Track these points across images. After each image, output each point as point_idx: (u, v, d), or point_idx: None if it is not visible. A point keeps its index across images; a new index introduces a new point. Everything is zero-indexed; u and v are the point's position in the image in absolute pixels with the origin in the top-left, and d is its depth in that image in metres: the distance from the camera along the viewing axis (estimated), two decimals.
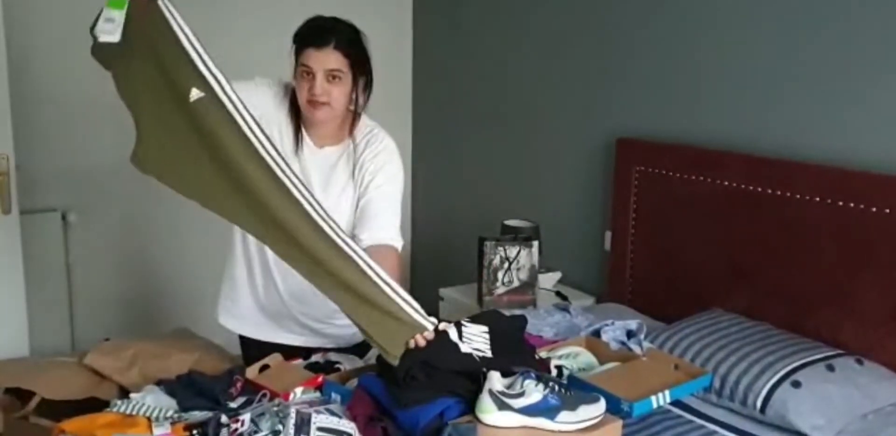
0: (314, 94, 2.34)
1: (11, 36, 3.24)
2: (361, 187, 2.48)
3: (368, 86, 2.45)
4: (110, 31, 2.01)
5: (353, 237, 2.29)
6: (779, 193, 2.85)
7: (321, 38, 2.32)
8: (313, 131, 2.49)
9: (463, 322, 2.28)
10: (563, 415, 2.04)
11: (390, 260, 2.34)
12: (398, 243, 2.47)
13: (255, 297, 2.72)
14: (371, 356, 2.64)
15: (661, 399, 2.32)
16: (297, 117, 2.46)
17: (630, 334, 2.68)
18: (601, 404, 2.10)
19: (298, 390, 2.32)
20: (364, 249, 2.15)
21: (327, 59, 2.32)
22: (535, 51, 3.93)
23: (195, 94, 1.94)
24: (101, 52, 2.13)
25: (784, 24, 2.89)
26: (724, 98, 3.10)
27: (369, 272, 2.04)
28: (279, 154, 2.00)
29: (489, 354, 2.23)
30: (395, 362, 2.05)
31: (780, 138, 2.92)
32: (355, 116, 2.50)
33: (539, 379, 2.08)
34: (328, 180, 2.49)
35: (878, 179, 2.60)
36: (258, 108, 2.21)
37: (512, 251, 3.42)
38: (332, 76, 2.34)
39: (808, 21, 2.82)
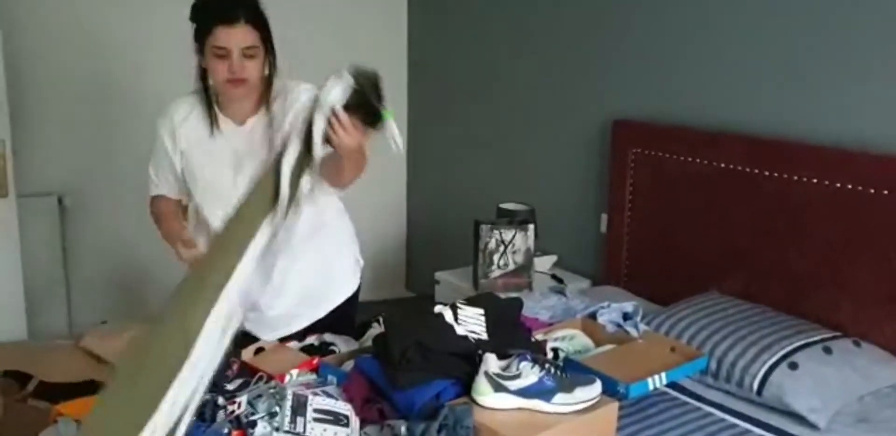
0: (234, 72, 2.26)
1: (9, 22, 3.23)
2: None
3: (274, 59, 2.36)
4: None
5: None
6: (776, 174, 2.84)
7: (230, 13, 2.22)
8: (232, 109, 2.42)
9: (459, 305, 2.28)
10: (559, 397, 2.04)
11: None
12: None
13: None
14: (367, 338, 2.64)
15: (658, 381, 2.32)
16: (208, 100, 2.41)
17: (626, 317, 2.68)
18: (597, 386, 2.10)
19: (294, 372, 2.33)
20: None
21: (242, 37, 2.23)
22: (531, 33, 3.91)
23: None
24: None
25: (782, 5, 2.87)
26: (721, 80, 3.09)
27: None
28: None
29: (485, 336, 2.24)
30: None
31: (778, 119, 2.91)
32: (269, 83, 2.40)
33: (535, 361, 2.08)
34: (261, 149, 2.36)
35: (876, 160, 2.59)
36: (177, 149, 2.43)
37: (508, 234, 3.41)
38: (246, 54, 2.26)
39: (806, 2, 2.80)
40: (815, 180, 2.74)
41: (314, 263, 2.58)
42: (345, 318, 2.72)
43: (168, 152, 2.49)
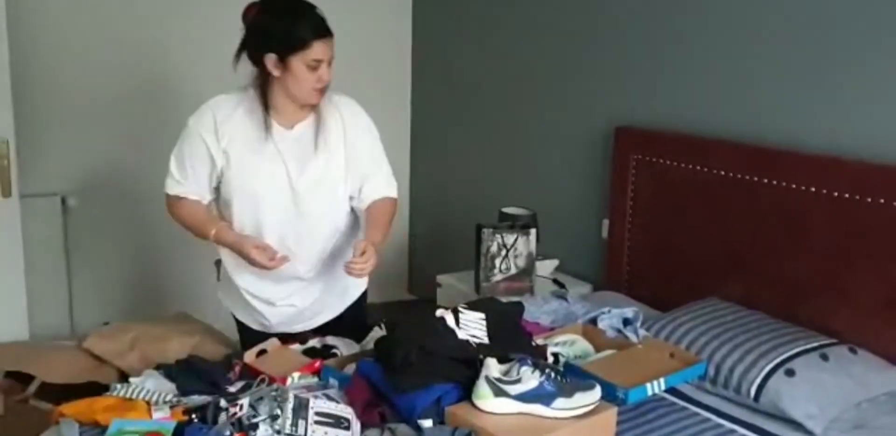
0: (323, 81, 2.43)
1: (14, 23, 3.24)
2: (345, 148, 2.56)
3: None
4: None
5: (351, 199, 2.62)
6: (775, 182, 2.86)
7: (326, 28, 2.40)
8: (285, 114, 2.52)
9: (460, 309, 2.30)
10: (559, 402, 2.06)
11: (389, 209, 2.65)
12: (394, 191, 2.70)
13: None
14: (368, 341, 2.66)
15: (657, 387, 2.34)
16: (265, 104, 2.49)
17: (626, 322, 2.70)
18: (597, 391, 2.11)
19: (296, 374, 2.34)
20: (367, 207, 2.60)
21: (331, 48, 2.42)
22: (534, 39, 3.92)
23: None
24: None
25: (781, 14, 2.89)
26: (723, 87, 3.10)
27: None
28: None
29: (486, 340, 2.25)
30: None
31: (778, 128, 2.93)
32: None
33: (535, 366, 2.09)
34: (308, 154, 2.53)
35: (874, 169, 2.61)
36: (211, 150, 2.48)
37: (509, 239, 3.42)
38: (329, 62, 2.43)
39: (804, 11, 2.82)
40: (813, 189, 2.75)
41: (336, 261, 2.65)
42: (358, 314, 2.84)
43: (208, 150, 2.50)
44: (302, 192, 2.52)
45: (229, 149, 2.49)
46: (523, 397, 2.05)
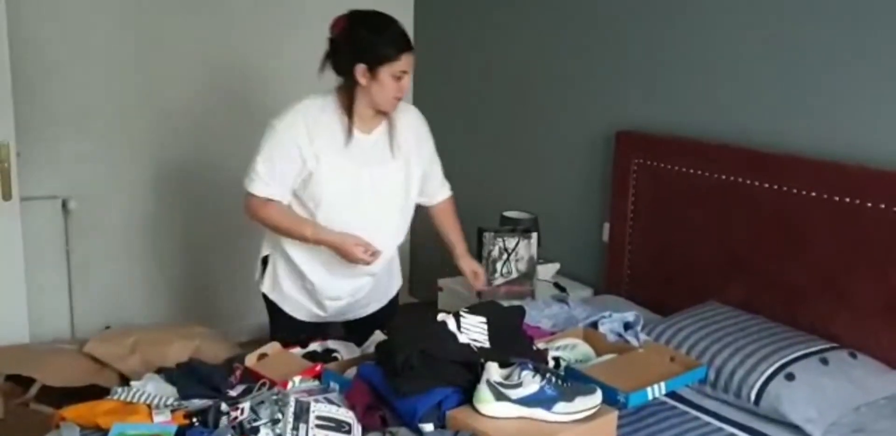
0: (404, 90, 2.62)
1: (14, 25, 3.25)
2: (416, 152, 2.80)
3: None
4: None
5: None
6: (776, 187, 2.86)
7: (409, 43, 2.60)
8: (365, 121, 2.68)
9: (461, 313, 2.30)
10: (560, 406, 2.06)
11: (454, 209, 3.06)
12: (448, 189, 3.07)
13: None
14: (369, 345, 2.66)
15: (657, 391, 2.34)
16: (350, 111, 2.64)
17: (627, 326, 2.70)
18: (597, 395, 2.12)
19: (297, 378, 2.34)
20: (437, 212, 3.01)
21: (413, 60, 2.60)
22: (536, 43, 3.93)
23: None
24: None
25: (782, 18, 2.89)
26: (724, 92, 3.10)
27: None
28: None
29: (487, 344, 2.25)
30: None
31: (779, 133, 2.93)
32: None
33: (536, 370, 2.10)
34: (385, 157, 2.72)
35: (874, 174, 2.61)
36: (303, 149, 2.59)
37: (511, 242, 3.43)
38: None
39: (805, 15, 2.82)
40: (813, 194, 2.75)
41: (388, 258, 2.87)
42: (394, 307, 3.04)
43: (300, 152, 2.60)
44: (380, 193, 2.71)
45: (319, 152, 2.60)
46: (524, 401, 2.05)
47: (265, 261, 2.86)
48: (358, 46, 2.54)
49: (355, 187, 2.66)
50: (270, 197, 2.64)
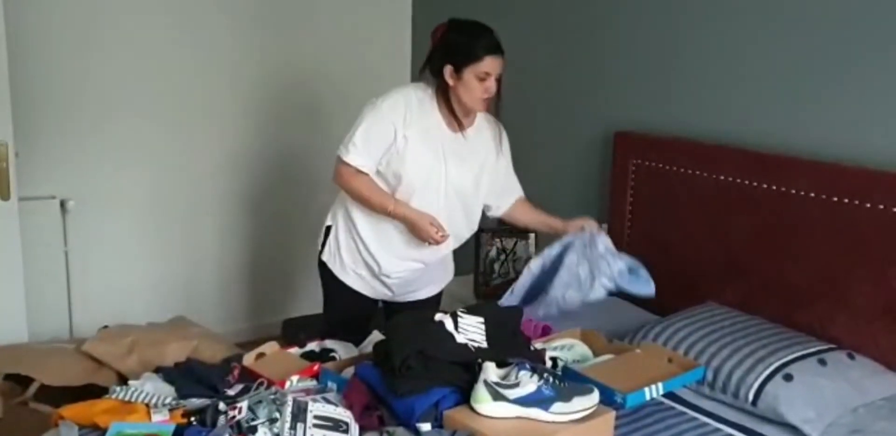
0: (490, 92, 2.75)
1: (12, 25, 3.25)
2: (487, 161, 2.92)
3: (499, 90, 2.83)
4: None
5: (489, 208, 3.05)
6: (774, 187, 2.87)
7: (499, 47, 2.76)
8: (449, 120, 2.83)
9: (459, 313, 2.30)
10: (558, 406, 2.06)
11: (528, 206, 3.11)
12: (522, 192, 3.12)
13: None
14: (367, 345, 2.66)
15: (655, 391, 2.34)
16: (449, 106, 2.80)
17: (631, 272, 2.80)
18: (595, 396, 2.12)
19: (294, 378, 2.34)
20: (511, 205, 3.07)
21: (501, 65, 2.75)
22: (534, 44, 3.93)
23: None
24: None
25: (782, 20, 2.90)
26: (722, 93, 3.11)
27: None
28: None
29: (485, 344, 2.26)
30: None
31: (777, 134, 2.94)
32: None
33: (534, 370, 2.10)
34: (465, 155, 2.86)
35: (873, 175, 2.62)
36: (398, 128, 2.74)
37: (508, 243, 3.44)
38: (497, 78, 2.76)
39: (805, 17, 2.83)
40: (812, 194, 2.76)
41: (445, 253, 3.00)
42: (437, 301, 3.15)
43: (395, 131, 2.74)
44: (452, 189, 2.82)
45: (409, 136, 2.74)
46: (521, 401, 2.05)
47: (327, 232, 2.96)
48: (448, 49, 2.76)
49: (430, 178, 2.78)
50: (360, 168, 2.76)
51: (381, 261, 2.86)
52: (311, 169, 4.30)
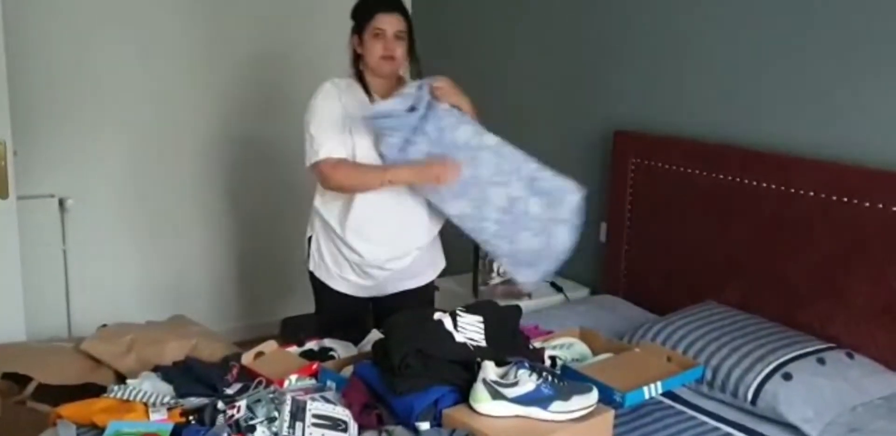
0: (388, 49, 2.76)
1: (11, 24, 3.24)
2: None
3: (413, 52, 2.88)
4: None
5: None
6: (773, 186, 2.87)
7: (391, 6, 2.79)
8: (377, 89, 2.84)
9: (458, 312, 2.30)
10: (556, 404, 2.06)
11: None
12: None
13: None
14: (366, 344, 2.66)
15: (653, 390, 2.34)
16: (362, 81, 2.83)
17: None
18: (594, 394, 2.12)
19: (293, 377, 2.34)
20: None
21: (396, 22, 2.77)
22: (533, 42, 3.93)
23: None
24: None
25: (782, 20, 2.90)
26: (722, 92, 3.11)
27: None
28: None
29: (483, 343, 2.25)
30: None
31: (777, 133, 2.94)
32: (399, 79, 2.92)
33: (533, 369, 2.10)
34: None
35: (872, 175, 2.62)
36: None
37: None
38: (397, 36, 2.77)
39: (805, 17, 2.83)
40: (811, 193, 2.76)
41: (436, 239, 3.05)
42: (430, 292, 3.16)
43: (342, 118, 2.75)
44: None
45: (352, 121, 2.75)
46: (520, 400, 2.05)
47: (310, 242, 2.97)
48: (354, 22, 2.82)
49: (368, 151, 2.76)
50: (332, 154, 2.72)
51: (364, 253, 2.83)
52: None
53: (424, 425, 2.04)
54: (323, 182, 2.78)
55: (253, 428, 1.97)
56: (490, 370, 2.09)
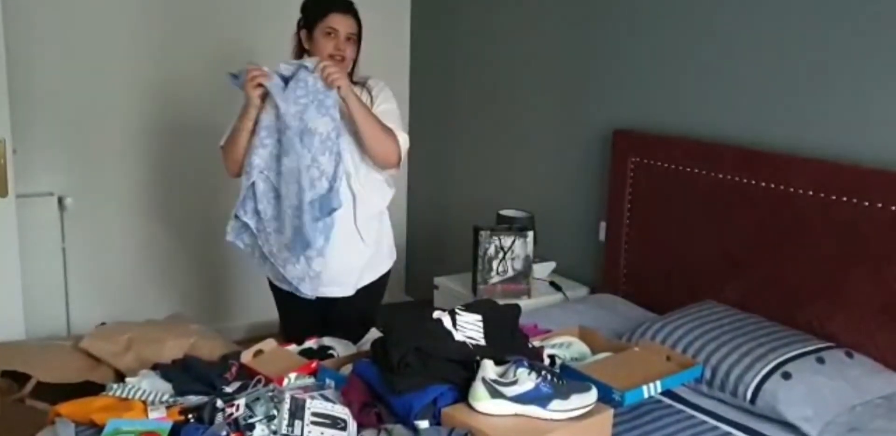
0: (338, 49, 2.81)
1: (11, 22, 3.25)
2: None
3: (359, 45, 2.92)
4: None
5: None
6: (773, 186, 2.87)
7: (344, 5, 2.84)
8: None
9: (457, 311, 2.30)
10: (555, 403, 2.06)
11: (385, 130, 2.82)
12: (402, 137, 2.90)
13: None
14: (365, 342, 2.66)
15: (653, 389, 2.34)
16: None
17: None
18: (593, 393, 2.12)
19: (293, 375, 2.34)
20: None
21: (349, 23, 2.83)
22: (533, 42, 3.93)
23: None
24: None
25: (782, 19, 2.90)
26: (721, 91, 3.11)
27: None
28: None
29: (483, 342, 2.25)
30: None
31: (776, 132, 2.94)
32: (350, 73, 2.90)
33: (532, 368, 2.10)
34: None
35: (872, 174, 2.61)
36: None
37: (507, 241, 3.43)
38: (348, 38, 2.83)
39: (805, 16, 2.82)
40: (810, 192, 2.76)
41: (373, 237, 2.93)
42: (378, 291, 3.06)
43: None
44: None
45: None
46: (519, 399, 2.05)
47: None
48: (303, 16, 2.87)
49: None
50: (221, 144, 2.86)
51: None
52: None
53: (423, 424, 2.04)
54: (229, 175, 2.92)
55: (252, 426, 1.97)
56: (489, 369, 2.09)
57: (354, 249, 2.89)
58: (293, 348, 2.65)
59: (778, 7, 2.90)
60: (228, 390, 2.27)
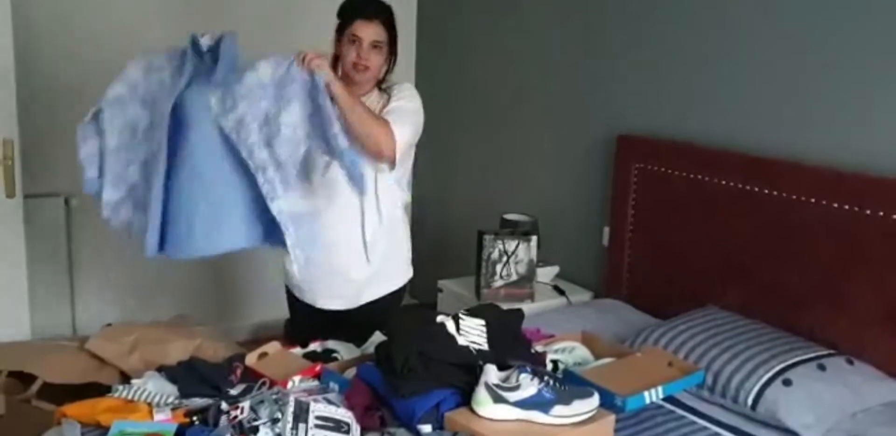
0: (360, 58, 2.70)
1: (20, 21, 3.26)
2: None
3: (394, 59, 2.83)
4: None
5: None
6: (775, 193, 2.87)
7: (370, 12, 2.72)
8: (351, 90, 2.69)
9: (461, 315, 2.31)
10: (558, 409, 2.07)
11: (380, 120, 2.66)
12: (398, 131, 2.71)
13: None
14: (369, 346, 2.67)
15: (654, 395, 2.35)
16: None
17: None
18: (595, 399, 2.13)
19: (297, 378, 2.35)
20: None
21: (375, 30, 2.71)
22: (537, 47, 3.94)
23: None
24: None
25: (785, 26, 2.90)
26: (725, 98, 3.12)
27: None
28: None
29: (486, 347, 2.26)
30: None
31: (779, 139, 2.94)
32: (380, 83, 2.83)
33: (534, 373, 2.11)
34: None
35: (873, 182, 2.62)
36: None
37: (511, 245, 3.44)
38: (374, 45, 2.71)
39: (809, 23, 2.83)
40: (812, 200, 2.77)
41: (389, 248, 2.88)
42: (394, 304, 3.01)
43: None
44: None
45: None
46: (522, 404, 2.06)
47: None
48: (338, 19, 2.78)
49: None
50: None
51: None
52: None
53: (426, 428, 2.05)
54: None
55: (256, 429, 1.99)
56: (492, 374, 2.10)
57: (356, 261, 2.83)
58: (297, 350, 2.66)
59: (783, 15, 2.91)
60: (233, 392, 2.29)
